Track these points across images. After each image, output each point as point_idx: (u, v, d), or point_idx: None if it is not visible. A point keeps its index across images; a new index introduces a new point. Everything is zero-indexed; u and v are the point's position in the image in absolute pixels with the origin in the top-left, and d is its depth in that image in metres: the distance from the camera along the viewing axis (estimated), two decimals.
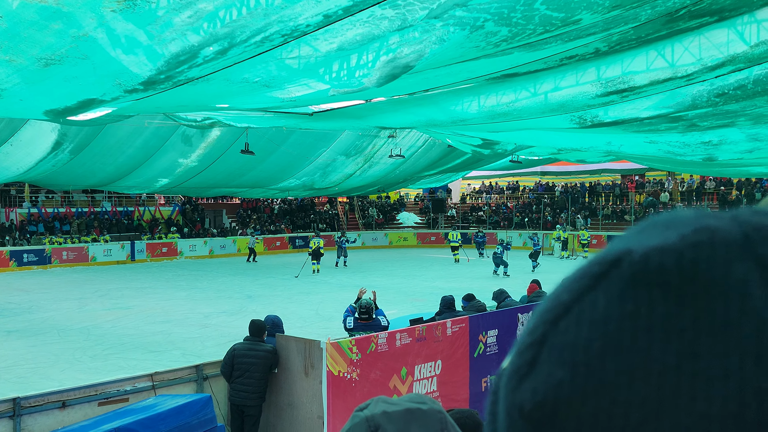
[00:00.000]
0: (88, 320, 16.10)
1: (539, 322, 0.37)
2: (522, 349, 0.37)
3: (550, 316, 0.36)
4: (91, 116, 8.69)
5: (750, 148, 13.50)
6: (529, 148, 22.52)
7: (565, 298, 0.36)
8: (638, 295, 0.34)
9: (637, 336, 0.33)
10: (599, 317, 0.34)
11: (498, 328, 9.15)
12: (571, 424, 0.34)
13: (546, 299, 0.38)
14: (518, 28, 6.23)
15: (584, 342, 0.34)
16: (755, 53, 7.76)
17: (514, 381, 0.37)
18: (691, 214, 0.36)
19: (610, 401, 0.33)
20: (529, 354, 0.36)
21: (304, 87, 7.91)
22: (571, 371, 0.34)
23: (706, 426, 0.31)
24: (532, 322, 0.38)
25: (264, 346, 7.58)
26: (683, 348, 0.32)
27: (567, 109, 10.36)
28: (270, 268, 28.69)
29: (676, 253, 0.34)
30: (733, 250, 0.33)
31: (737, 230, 0.34)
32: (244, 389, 7.50)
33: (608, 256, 0.36)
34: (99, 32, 5.80)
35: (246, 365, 7.51)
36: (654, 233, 0.36)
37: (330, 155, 25.03)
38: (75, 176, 23.26)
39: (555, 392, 0.34)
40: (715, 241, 0.34)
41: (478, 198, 48.33)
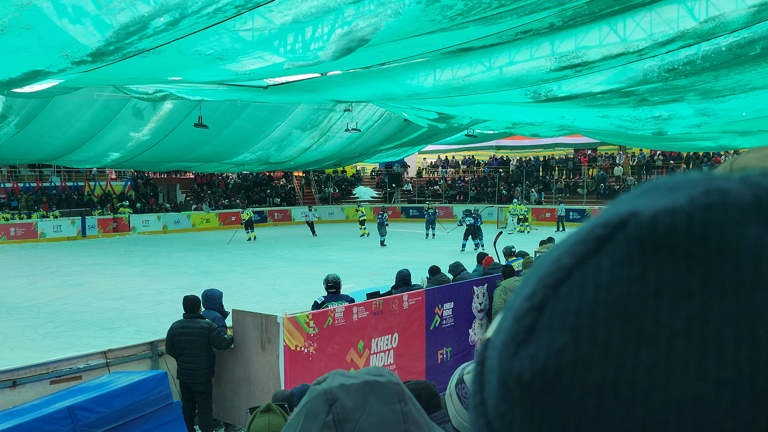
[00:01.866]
0: (39, 298, 15.76)
1: (538, 286, 0.35)
2: (519, 315, 0.35)
3: (551, 281, 0.35)
4: (38, 88, 8.42)
5: (698, 122, 13.82)
6: (484, 123, 22.65)
7: (567, 262, 0.35)
8: (646, 259, 0.32)
9: (645, 300, 0.32)
10: (605, 281, 0.33)
11: (454, 301, 9.26)
12: (574, 393, 0.32)
13: (543, 263, 0.37)
14: (474, 1, 6.22)
15: (589, 307, 0.33)
16: (704, 29, 7.90)
17: (510, 348, 0.35)
18: (698, 176, 0.35)
19: (616, 368, 0.31)
20: (528, 320, 0.35)
21: (259, 60, 7.78)
22: (574, 337, 0.33)
23: (718, 392, 0.30)
24: (529, 287, 0.36)
25: (199, 323, 7.47)
26: (693, 312, 0.31)
27: (522, 83, 10.44)
28: (225, 243, 28.43)
29: (686, 214, 0.33)
30: (746, 212, 0.32)
31: (749, 192, 0.33)
32: (188, 367, 7.44)
33: (613, 218, 0.34)
34: (44, 1, 5.60)
35: (184, 343, 7.42)
36: (660, 195, 0.35)
37: (285, 129, 24.77)
38: (22, 150, 22.55)
39: (557, 359, 0.33)
40: (726, 203, 0.32)
41: (434, 172, 48.53)
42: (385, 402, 0.89)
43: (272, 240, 29.74)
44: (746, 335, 0.30)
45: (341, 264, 20.91)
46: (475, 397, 0.38)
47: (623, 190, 30.63)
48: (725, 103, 11.98)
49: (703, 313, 0.31)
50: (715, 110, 12.70)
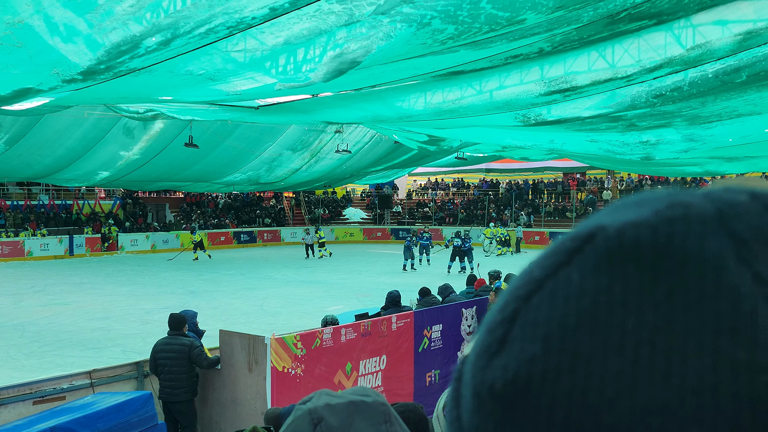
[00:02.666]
0: (24, 316, 15.59)
1: (510, 298, 0.36)
2: (492, 326, 0.36)
3: (522, 292, 0.35)
4: (28, 106, 8.41)
5: (685, 148, 13.95)
6: (474, 146, 22.76)
7: (538, 274, 0.35)
8: (613, 270, 0.33)
9: (612, 310, 0.32)
10: (573, 292, 0.34)
11: (443, 323, 9.24)
12: (544, 401, 0.33)
13: (517, 277, 0.37)
14: (464, 26, 6.29)
15: (558, 317, 0.33)
16: (691, 56, 8.01)
17: (483, 360, 0.35)
18: (664, 192, 0.36)
19: (584, 376, 0.32)
20: (500, 331, 0.35)
21: (250, 81, 7.81)
22: (544, 346, 0.33)
23: (682, 399, 0.31)
24: (502, 300, 0.37)
25: (180, 340, 7.43)
26: (658, 322, 0.32)
27: (511, 107, 10.52)
28: (214, 263, 28.31)
29: (650, 227, 0.33)
30: (707, 225, 0.33)
31: (711, 206, 0.34)
32: (168, 385, 7.37)
33: (582, 232, 0.36)
34: (36, 19, 5.61)
35: (165, 360, 7.39)
36: (627, 210, 0.35)
37: (276, 150, 24.81)
38: (10, 168, 22.45)
39: (527, 368, 0.33)
40: (689, 216, 0.34)
41: (424, 194, 48.63)
42: (371, 422, 0.89)
43: (261, 260, 29.64)
44: (708, 344, 0.31)
45: (330, 285, 20.85)
46: (452, 413, 0.38)
47: None
48: (712, 129, 12.11)
49: (668, 323, 0.32)
50: (702, 136, 12.83)
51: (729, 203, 0.34)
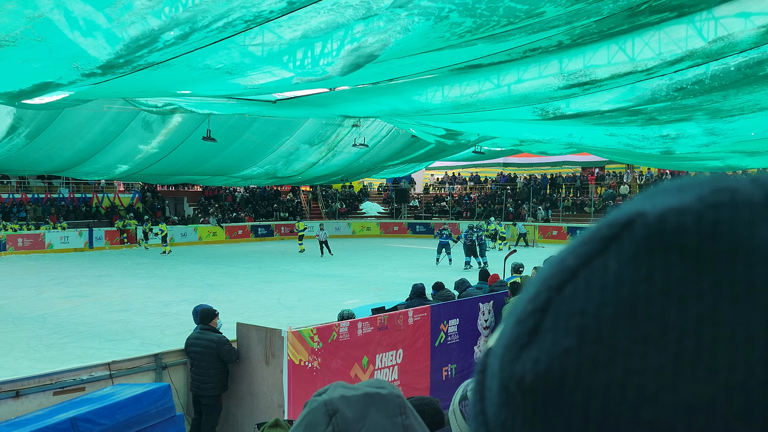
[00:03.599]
0: (44, 308, 15.78)
1: (542, 288, 0.34)
2: (522, 317, 0.34)
3: (555, 282, 0.34)
4: (48, 100, 8.48)
5: (706, 142, 13.79)
6: (492, 139, 22.68)
7: (572, 263, 0.34)
8: (653, 258, 0.31)
9: (653, 301, 0.31)
10: (611, 282, 0.32)
11: (459, 318, 9.22)
12: (578, 396, 0.31)
13: (548, 265, 0.36)
14: (482, 19, 6.25)
15: (594, 308, 0.32)
16: (713, 49, 7.91)
17: (512, 352, 0.34)
18: (706, 177, 0.34)
19: (622, 370, 0.30)
20: (531, 322, 0.34)
21: (268, 74, 7.83)
22: (579, 338, 0.32)
23: (729, 396, 0.29)
24: (533, 289, 0.35)
25: (209, 335, 7.49)
26: (703, 314, 0.30)
27: (530, 100, 10.45)
28: (231, 256, 28.46)
29: (694, 213, 0.32)
30: (757, 211, 0.31)
31: (760, 191, 0.32)
32: (197, 379, 7.46)
33: (619, 219, 0.33)
34: (56, 13, 5.66)
35: (194, 354, 7.47)
36: (668, 196, 0.34)
37: (293, 143, 24.88)
38: (31, 161, 22.72)
39: (561, 361, 0.32)
40: (737, 201, 0.31)
41: (441, 188, 48.53)
42: (386, 414, 0.88)
43: (278, 254, 29.75)
44: (759, 337, 0.29)
45: (347, 279, 20.89)
46: (475, 406, 0.37)
47: None
48: (734, 122, 11.96)
49: (714, 315, 0.30)
50: (723, 130, 12.68)
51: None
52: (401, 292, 13.13)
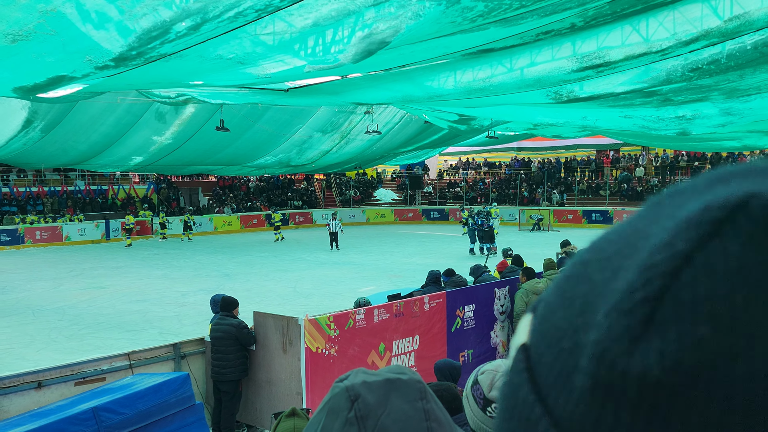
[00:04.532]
0: (63, 300, 15.95)
1: (650, 275, 0.31)
2: (627, 306, 0.31)
3: (667, 268, 0.31)
4: (62, 93, 8.54)
5: (723, 122, 13.65)
6: (505, 124, 22.58)
7: (683, 247, 0.31)
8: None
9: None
10: (735, 266, 0.30)
11: (475, 303, 9.22)
12: (718, 389, 0.29)
13: (642, 250, 0.33)
14: (494, 2, 6.21)
15: (723, 294, 0.30)
16: (729, 28, 7.81)
17: (619, 345, 0.31)
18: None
19: (764, 358, 0.28)
20: (643, 312, 0.31)
21: (280, 63, 7.83)
22: (712, 327, 0.29)
23: None
24: (635, 277, 0.32)
25: (229, 320, 7.57)
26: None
27: (543, 84, 10.39)
28: (247, 245, 28.59)
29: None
30: None
31: None
32: (217, 364, 7.54)
33: (729, 201, 0.32)
34: (68, 7, 5.68)
35: (215, 340, 7.55)
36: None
37: (306, 132, 24.90)
38: (47, 155, 22.92)
39: (694, 353, 0.29)
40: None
41: (455, 174, 48.43)
42: (407, 399, 0.89)
43: (293, 242, 29.85)
44: None
45: (362, 266, 20.93)
46: (528, 409, 0.34)
47: (647, 191, 29.95)
48: (751, 102, 11.83)
49: None
50: (740, 109, 12.54)
51: None
52: (417, 279, 13.14)
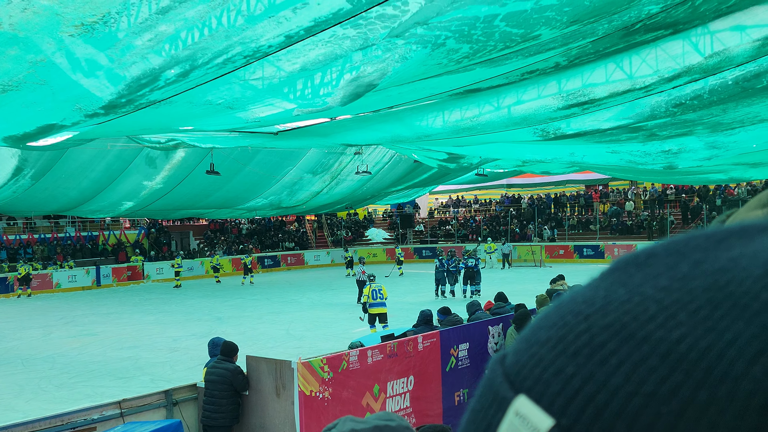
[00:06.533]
0: (54, 348, 15.76)
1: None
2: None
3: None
4: (52, 141, 8.57)
5: (708, 155, 13.81)
6: (494, 161, 22.74)
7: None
8: None
9: None
10: None
11: (469, 342, 9.18)
12: None
13: (752, 297, 0.31)
14: (479, 44, 6.31)
15: None
16: (710, 64, 7.96)
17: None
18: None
19: None
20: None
21: (269, 107, 7.90)
22: None
23: None
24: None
25: (225, 365, 7.48)
26: None
27: (530, 122, 10.51)
28: (239, 288, 28.43)
29: None
30: None
31: None
32: (209, 408, 7.42)
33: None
34: (58, 56, 5.74)
35: (208, 383, 7.45)
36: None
37: (296, 173, 25.00)
38: (37, 202, 22.86)
39: None
40: None
41: (445, 212, 48.57)
42: None
43: (285, 284, 29.72)
44: None
45: (355, 307, 20.83)
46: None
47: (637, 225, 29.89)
48: (735, 135, 11.99)
49: None
50: (725, 143, 12.70)
51: None
52: (410, 318, 13.08)
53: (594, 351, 0.33)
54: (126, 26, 5.57)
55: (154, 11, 5.46)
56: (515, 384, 0.35)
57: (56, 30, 5.38)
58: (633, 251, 0.37)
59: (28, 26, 5.30)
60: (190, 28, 5.64)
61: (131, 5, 5.39)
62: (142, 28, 5.59)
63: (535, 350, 0.35)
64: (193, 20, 5.59)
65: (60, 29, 5.37)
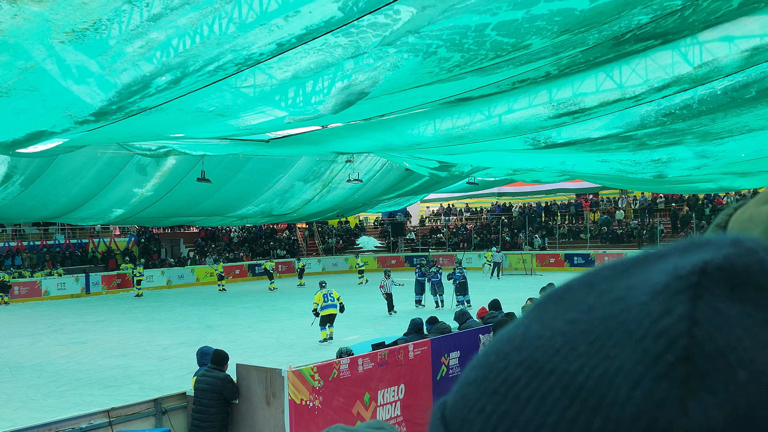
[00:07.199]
0: (42, 356, 15.64)
1: (671, 340, 0.32)
2: (662, 372, 0.31)
3: (681, 330, 0.32)
4: (42, 148, 8.53)
5: (698, 165, 13.89)
6: (485, 170, 22.79)
7: (683, 310, 0.33)
8: (746, 295, 0.34)
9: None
10: (729, 317, 0.33)
11: (460, 350, 9.17)
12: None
13: (635, 324, 0.33)
14: (470, 53, 6.34)
15: (737, 340, 0.32)
16: (699, 74, 8.02)
17: (670, 409, 0.31)
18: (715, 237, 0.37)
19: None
20: (678, 373, 0.31)
21: (261, 114, 7.90)
22: (746, 370, 0.31)
23: None
24: (651, 345, 0.32)
25: (215, 373, 7.43)
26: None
27: (521, 130, 10.54)
28: (230, 296, 28.33)
29: (744, 257, 0.35)
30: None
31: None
32: (197, 417, 7.36)
33: (695, 268, 0.34)
34: (48, 63, 5.72)
35: (197, 392, 7.39)
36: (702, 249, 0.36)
37: (288, 181, 24.95)
38: (26, 209, 22.70)
39: (744, 396, 0.31)
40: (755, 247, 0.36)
41: (437, 220, 48.61)
42: None
43: (276, 292, 29.63)
44: None
45: (346, 315, 20.76)
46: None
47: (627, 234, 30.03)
48: (724, 144, 12.07)
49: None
50: (714, 152, 12.78)
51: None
52: (401, 326, 13.06)
53: (510, 387, 0.35)
54: (117, 33, 5.56)
55: (146, 18, 5.45)
56: (448, 426, 0.38)
57: (47, 36, 5.36)
58: (555, 286, 0.40)
59: (18, 32, 5.28)
60: (181, 36, 5.63)
61: (123, 12, 5.38)
62: (134, 35, 5.58)
63: (465, 391, 0.38)
64: (185, 28, 5.58)
65: (51, 36, 5.35)
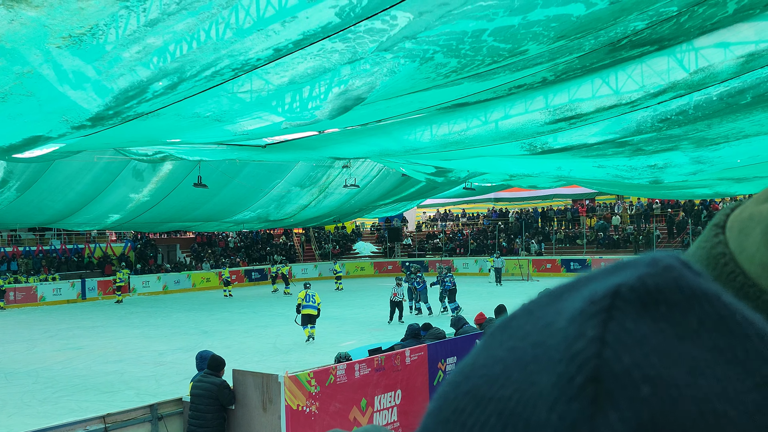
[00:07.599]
0: (37, 362, 15.58)
1: (581, 362, 0.33)
2: (573, 393, 0.33)
3: (591, 352, 0.33)
4: (38, 153, 8.52)
5: (694, 170, 13.92)
6: (482, 175, 22.81)
7: (594, 333, 0.34)
8: (658, 313, 0.35)
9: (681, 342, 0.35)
10: (637, 336, 0.34)
11: (457, 356, 9.17)
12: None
13: (554, 349, 0.35)
14: (467, 59, 6.35)
15: (642, 358, 0.33)
16: (695, 80, 8.04)
17: (581, 429, 0.32)
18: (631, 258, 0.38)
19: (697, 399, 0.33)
20: (588, 393, 0.32)
21: (257, 120, 7.90)
22: (650, 384, 0.33)
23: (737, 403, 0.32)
24: (565, 368, 0.33)
25: (211, 378, 7.42)
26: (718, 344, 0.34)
27: (517, 136, 10.56)
28: (226, 302, 28.28)
29: (657, 276, 0.36)
30: (690, 269, 0.37)
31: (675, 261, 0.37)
32: (194, 423, 7.35)
33: (607, 291, 0.36)
34: (45, 68, 5.71)
35: (193, 397, 7.38)
36: (618, 273, 0.37)
37: (284, 187, 24.94)
38: (22, 214, 22.65)
39: (647, 410, 0.32)
40: (674, 266, 0.37)
41: (433, 226, 48.62)
42: None
43: (273, 298, 29.59)
44: None
45: (342, 320, 20.77)
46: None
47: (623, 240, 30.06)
48: (720, 150, 12.10)
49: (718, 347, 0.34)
50: (710, 158, 12.81)
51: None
52: (398, 332, 13.05)
53: (458, 416, 0.37)
54: (114, 38, 5.56)
55: (143, 24, 5.45)
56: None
57: (43, 42, 5.36)
58: (505, 313, 0.41)
59: (15, 38, 5.28)
60: (178, 41, 5.63)
61: (119, 18, 5.38)
62: (131, 40, 5.58)
63: (425, 422, 0.40)
64: (182, 33, 5.58)
65: (47, 41, 5.35)
